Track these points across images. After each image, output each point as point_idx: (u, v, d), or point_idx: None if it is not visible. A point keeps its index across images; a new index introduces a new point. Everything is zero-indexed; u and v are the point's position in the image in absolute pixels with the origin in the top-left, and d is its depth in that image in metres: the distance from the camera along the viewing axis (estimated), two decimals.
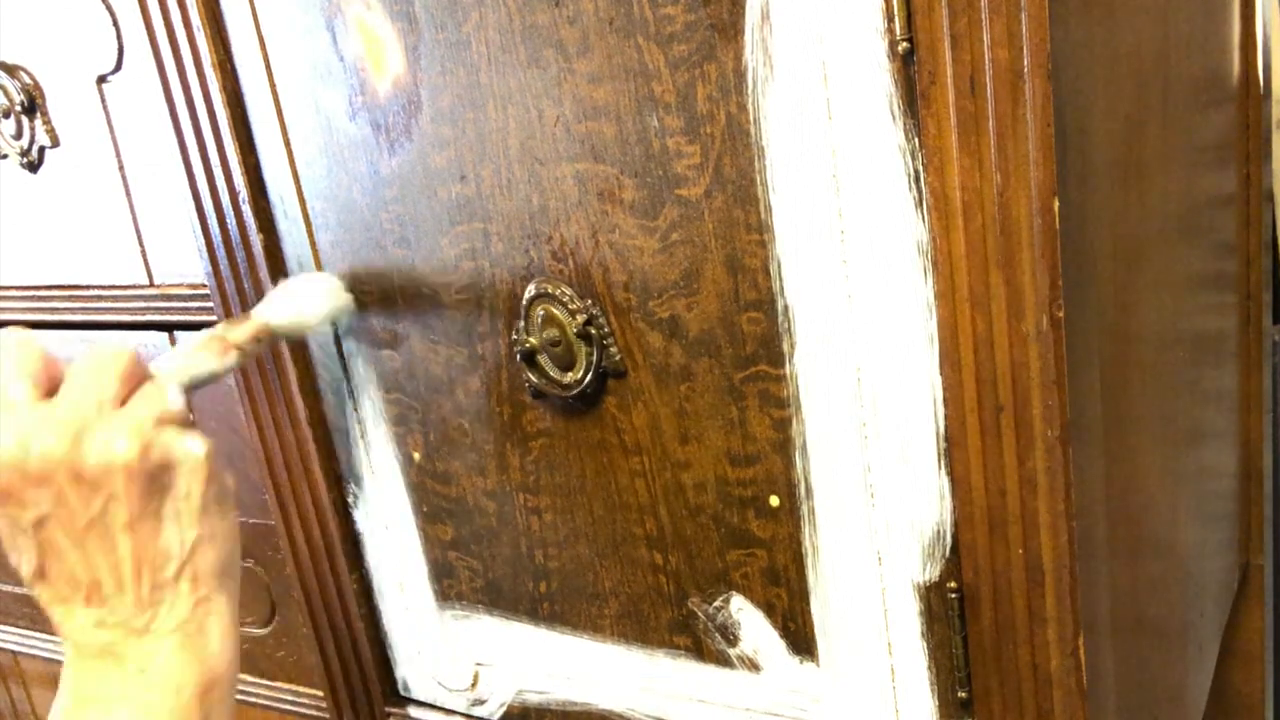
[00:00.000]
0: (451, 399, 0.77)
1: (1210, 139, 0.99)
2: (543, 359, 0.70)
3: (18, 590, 1.20)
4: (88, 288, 0.96)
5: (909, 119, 0.54)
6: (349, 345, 0.80)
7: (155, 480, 0.54)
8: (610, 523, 0.73)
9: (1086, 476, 0.59)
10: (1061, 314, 0.54)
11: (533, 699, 0.83)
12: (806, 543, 0.66)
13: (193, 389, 0.60)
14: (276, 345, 0.82)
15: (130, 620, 0.54)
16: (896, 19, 0.53)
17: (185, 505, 0.55)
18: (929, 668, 0.65)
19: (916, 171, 0.55)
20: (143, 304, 0.93)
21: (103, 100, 0.88)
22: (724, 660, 0.72)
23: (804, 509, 0.65)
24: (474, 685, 0.86)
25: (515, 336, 0.71)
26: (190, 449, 0.55)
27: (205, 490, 0.55)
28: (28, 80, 0.90)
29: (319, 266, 0.79)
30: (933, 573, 0.62)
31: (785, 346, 0.62)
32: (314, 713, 1.02)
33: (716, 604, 0.71)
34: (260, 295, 0.81)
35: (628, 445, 0.70)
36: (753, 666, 0.71)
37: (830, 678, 0.69)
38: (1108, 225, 0.63)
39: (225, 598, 0.57)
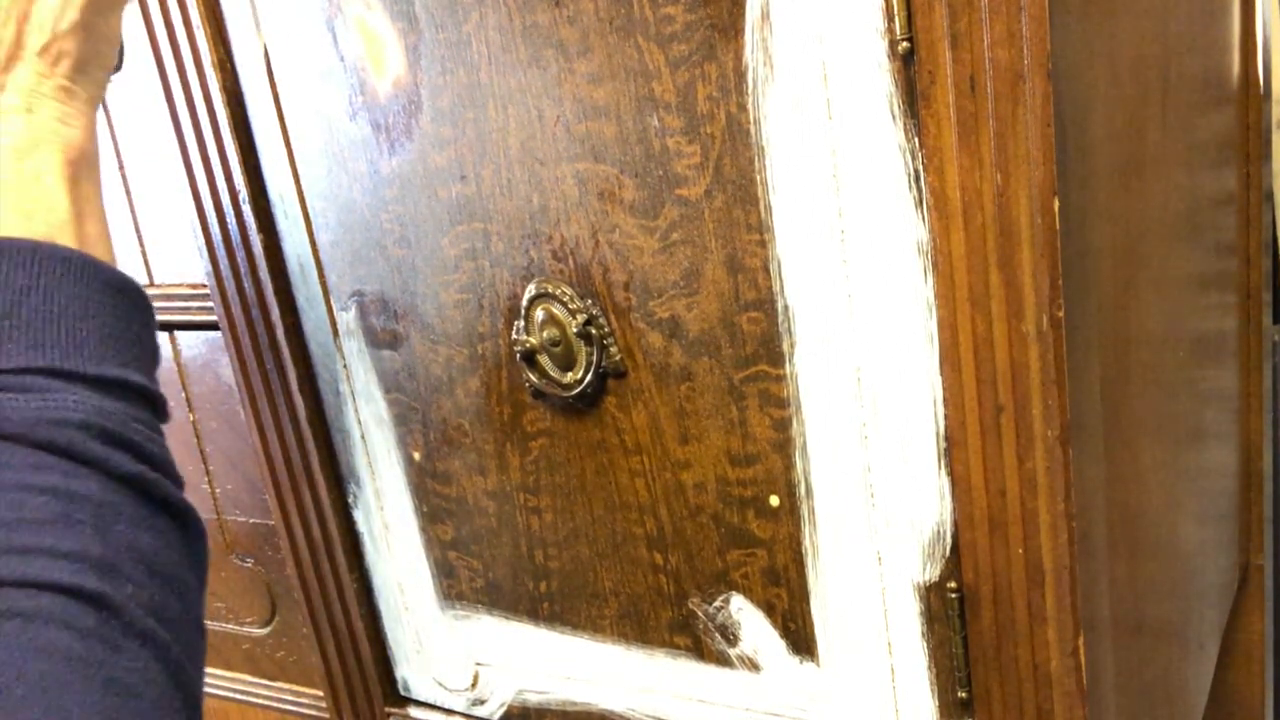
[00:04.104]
0: (451, 399, 0.77)
1: (1210, 139, 0.99)
2: (543, 359, 0.70)
3: None
4: None
5: (909, 119, 0.54)
6: (349, 345, 0.80)
7: None
8: (610, 523, 0.73)
9: (1086, 476, 0.59)
10: (1061, 314, 0.54)
11: (533, 699, 0.83)
12: (806, 542, 0.66)
13: None
14: (278, 348, 0.82)
15: None
16: (896, 19, 0.53)
17: None
18: (929, 668, 0.65)
19: (916, 171, 0.55)
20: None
21: (103, 100, 0.88)
22: (724, 660, 0.72)
23: (804, 509, 0.65)
24: (474, 685, 0.86)
25: (515, 336, 0.71)
26: None
27: None
28: None
29: (319, 266, 0.79)
30: (933, 573, 0.62)
31: (785, 346, 0.62)
32: (314, 713, 1.03)
33: (716, 604, 0.71)
34: (260, 295, 0.81)
35: (628, 445, 0.70)
36: (753, 666, 0.71)
37: (830, 678, 0.69)
38: (1108, 225, 0.63)
39: (86, 94, 0.52)
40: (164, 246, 0.91)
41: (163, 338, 0.95)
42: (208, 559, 0.49)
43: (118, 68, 0.57)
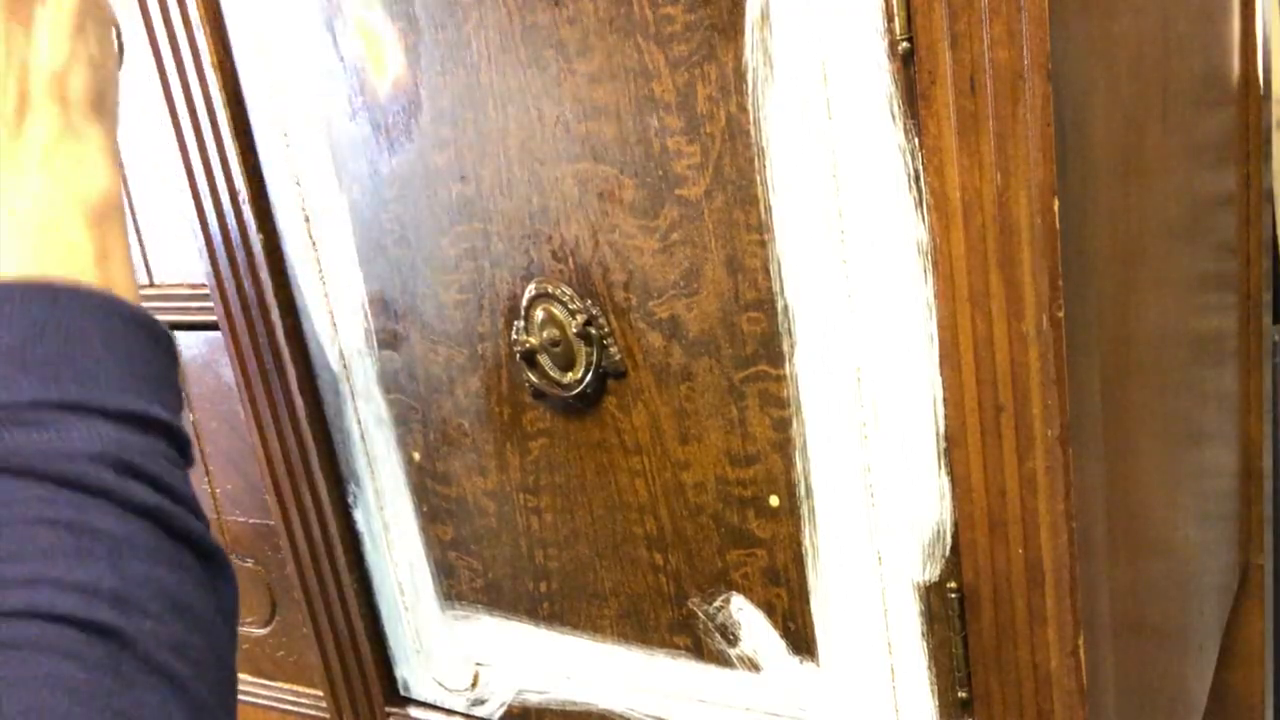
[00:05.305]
0: (452, 399, 0.77)
1: (1210, 139, 0.99)
2: (543, 359, 0.70)
3: None
4: None
5: (909, 119, 0.54)
6: (349, 345, 0.80)
7: None
8: (610, 522, 0.73)
9: (1086, 476, 0.59)
10: (1061, 314, 0.54)
11: (533, 699, 0.83)
12: (806, 542, 0.66)
13: None
14: (277, 346, 0.82)
15: None
16: (896, 19, 0.53)
17: (58, 15, 0.49)
18: (929, 667, 0.65)
19: (916, 171, 0.55)
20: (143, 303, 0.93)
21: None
22: (724, 660, 0.72)
23: (804, 509, 0.65)
24: (474, 685, 0.86)
25: (515, 336, 0.71)
26: None
27: (78, 6, 0.50)
28: None
29: (319, 267, 0.79)
30: (933, 573, 0.62)
31: (785, 346, 0.62)
32: (314, 713, 1.03)
33: (716, 604, 0.71)
34: (260, 295, 0.81)
35: (628, 445, 0.70)
36: (753, 666, 0.71)
37: (830, 677, 0.69)
38: (1108, 225, 0.63)
39: (101, 130, 0.51)
40: (164, 246, 0.91)
41: None
42: (238, 605, 0.47)
43: (118, 65, 0.57)
